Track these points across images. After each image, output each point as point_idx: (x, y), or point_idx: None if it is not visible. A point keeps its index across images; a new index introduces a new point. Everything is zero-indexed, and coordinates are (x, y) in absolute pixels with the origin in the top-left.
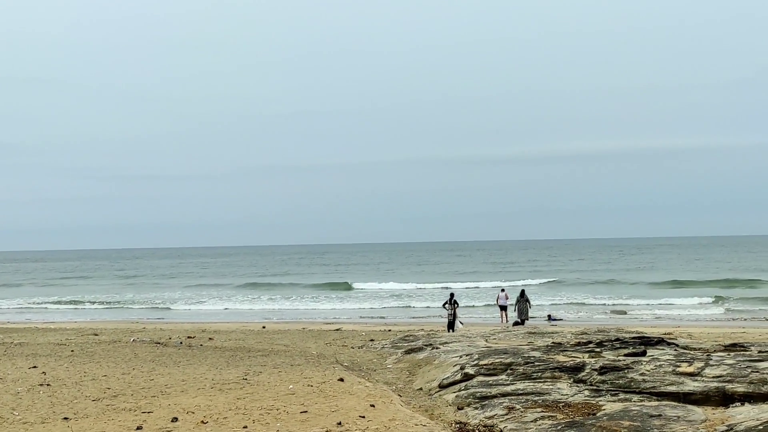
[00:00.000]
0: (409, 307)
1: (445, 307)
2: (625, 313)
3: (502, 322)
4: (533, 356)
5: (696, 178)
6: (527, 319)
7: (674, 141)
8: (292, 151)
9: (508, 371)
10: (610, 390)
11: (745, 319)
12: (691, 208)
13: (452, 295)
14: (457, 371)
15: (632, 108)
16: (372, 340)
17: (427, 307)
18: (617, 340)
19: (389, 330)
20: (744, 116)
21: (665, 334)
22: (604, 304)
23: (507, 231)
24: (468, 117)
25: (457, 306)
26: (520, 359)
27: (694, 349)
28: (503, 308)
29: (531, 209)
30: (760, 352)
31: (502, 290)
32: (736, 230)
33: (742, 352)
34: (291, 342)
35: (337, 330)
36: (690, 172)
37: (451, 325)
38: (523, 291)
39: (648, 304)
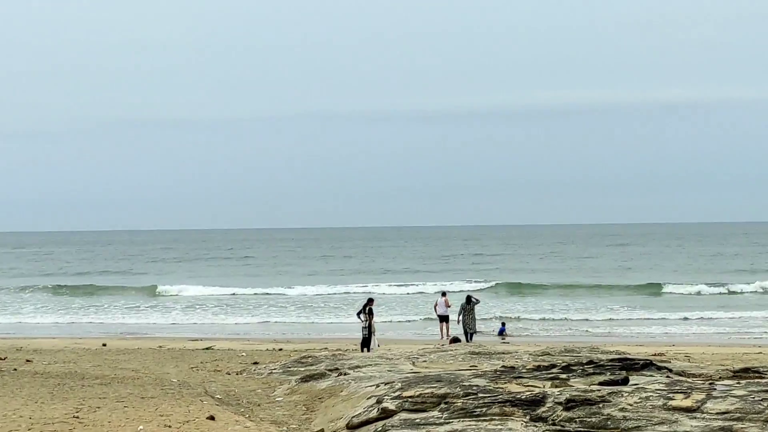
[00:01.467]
0: (312, 322)
1: (360, 318)
2: (603, 327)
3: (441, 337)
4: (477, 385)
5: (707, 143)
6: (474, 333)
7: (675, 91)
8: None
9: (442, 406)
10: (580, 431)
11: (764, 335)
12: (701, 184)
13: (370, 301)
14: (372, 406)
15: (612, 49)
16: (256, 362)
17: (331, 322)
18: (590, 363)
19: (280, 349)
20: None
21: (655, 355)
22: (569, 319)
23: (444, 213)
24: (392, 58)
25: (372, 316)
26: (458, 389)
27: (693, 375)
28: (443, 319)
29: (476, 185)
30: None
31: (443, 295)
32: (760, 214)
33: (756, 380)
34: (142, 365)
35: (207, 349)
36: (698, 134)
37: (366, 343)
38: (469, 297)
39: (631, 318)
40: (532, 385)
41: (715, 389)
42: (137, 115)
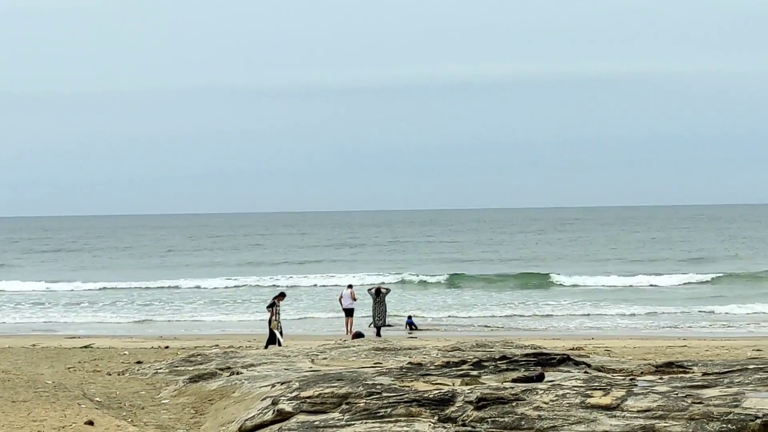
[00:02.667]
0: (198, 321)
1: (269, 311)
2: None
3: (347, 332)
4: (381, 384)
5: (665, 116)
6: (384, 326)
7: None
8: None
9: (344, 407)
10: None
11: (691, 326)
12: (654, 164)
13: (281, 296)
14: (267, 408)
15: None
16: (140, 362)
17: (219, 320)
18: (503, 358)
19: (166, 347)
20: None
21: (573, 349)
22: (495, 315)
23: (352, 198)
24: (286, 30)
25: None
26: (361, 388)
27: (613, 370)
28: (349, 312)
29: (386, 166)
30: (705, 374)
31: (349, 287)
32: (724, 197)
33: (680, 375)
34: (13, 365)
35: (86, 347)
36: (651, 108)
37: (273, 339)
38: (379, 289)
39: (553, 308)
40: (440, 383)
41: (636, 385)
42: None
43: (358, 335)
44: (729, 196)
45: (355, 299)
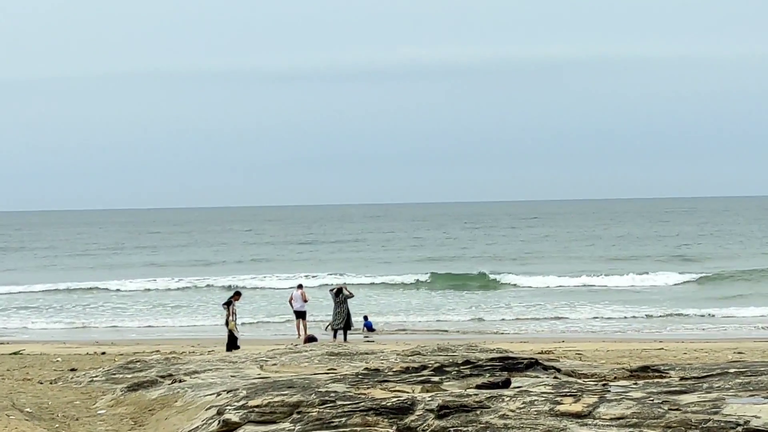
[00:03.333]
0: (137, 326)
1: (225, 309)
2: (482, 320)
3: (298, 336)
4: (335, 391)
5: (624, 104)
6: (341, 331)
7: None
8: None
9: (295, 416)
10: None
11: (669, 328)
12: (623, 154)
13: (237, 294)
14: (212, 418)
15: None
16: (74, 369)
17: (161, 325)
18: (467, 363)
19: (102, 353)
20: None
21: (542, 352)
22: (422, 320)
23: (308, 192)
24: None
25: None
26: (313, 396)
27: (584, 375)
28: (300, 315)
29: (337, 157)
30: (683, 379)
31: (299, 287)
32: (699, 189)
33: (656, 380)
34: None
35: (15, 354)
36: (612, 95)
37: (234, 340)
38: (340, 289)
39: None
40: (399, 390)
41: (609, 391)
42: None
43: (311, 339)
44: (704, 189)
45: (306, 300)
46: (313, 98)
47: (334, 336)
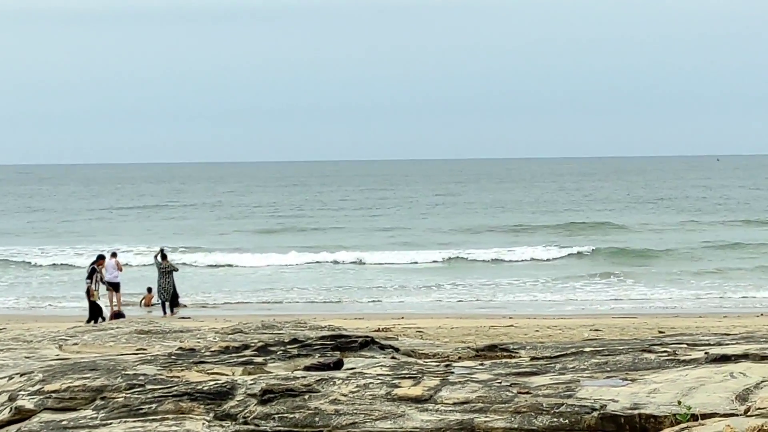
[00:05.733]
0: None
1: (88, 282)
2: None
3: (112, 309)
4: (145, 374)
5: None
6: (168, 302)
7: None
8: None
9: (98, 402)
10: (280, 431)
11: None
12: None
13: (101, 259)
14: (2, 405)
15: None
16: None
17: None
18: (294, 342)
19: None
20: None
21: (378, 330)
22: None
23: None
24: None
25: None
26: (120, 380)
27: (425, 355)
28: (113, 287)
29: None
30: (534, 359)
31: (113, 255)
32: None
33: (504, 361)
34: None
35: None
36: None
37: (97, 311)
38: (162, 251)
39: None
40: (217, 373)
41: (452, 373)
42: None
43: (118, 315)
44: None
45: (120, 270)
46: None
47: (164, 311)
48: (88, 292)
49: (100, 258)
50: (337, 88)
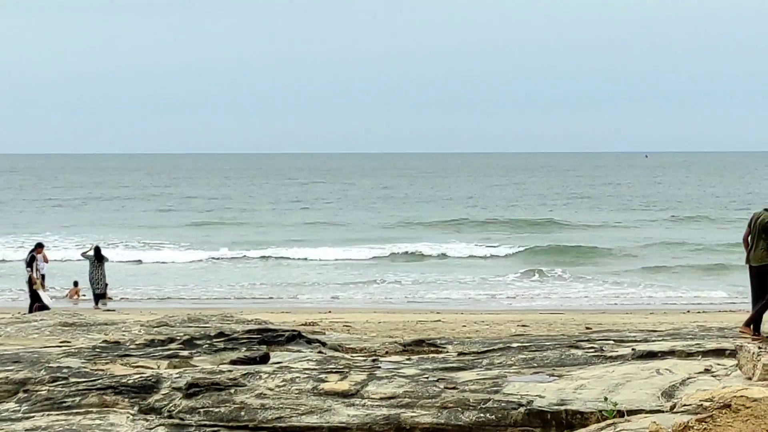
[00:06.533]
0: None
1: (29, 271)
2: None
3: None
4: (68, 367)
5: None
6: (105, 297)
7: None
8: None
9: (21, 395)
10: (205, 425)
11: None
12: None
13: (40, 246)
14: None
15: None
16: None
17: None
18: (220, 335)
19: None
20: None
21: (305, 324)
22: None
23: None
24: None
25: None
26: (43, 372)
27: (352, 350)
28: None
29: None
30: (461, 354)
31: (39, 247)
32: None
33: (431, 356)
34: None
35: None
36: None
37: (37, 300)
38: (98, 249)
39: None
40: (142, 366)
41: (379, 368)
42: None
43: (41, 308)
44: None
45: (47, 262)
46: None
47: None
48: (30, 281)
49: (39, 246)
50: (266, 79)
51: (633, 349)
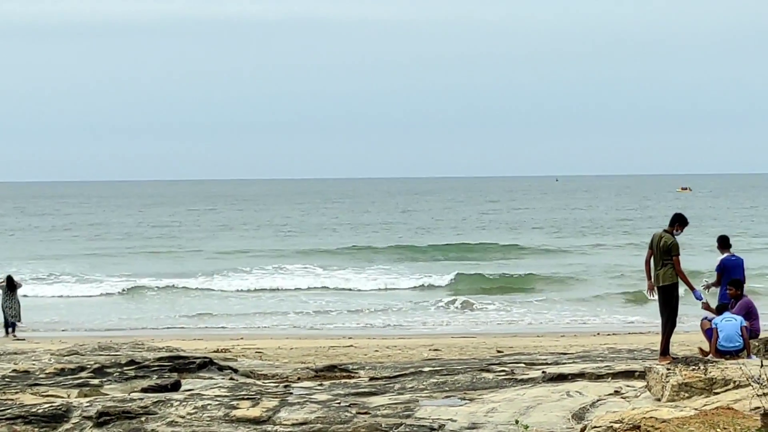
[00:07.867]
0: None
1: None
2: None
3: None
4: None
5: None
6: (16, 324)
7: None
8: None
9: None
10: None
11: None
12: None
13: (9, 279)
14: None
15: None
16: None
17: None
18: (131, 363)
19: None
20: None
21: (217, 351)
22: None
23: None
24: None
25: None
26: None
27: (265, 376)
28: None
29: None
30: (373, 379)
31: None
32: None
33: (343, 381)
34: None
35: None
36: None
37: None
38: (10, 277)
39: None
40: (52, 395)
41: (291, 394)
42: None
43: None
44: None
45: None
46: None
47: (6, 332)
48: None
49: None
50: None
51: (544, 372)
